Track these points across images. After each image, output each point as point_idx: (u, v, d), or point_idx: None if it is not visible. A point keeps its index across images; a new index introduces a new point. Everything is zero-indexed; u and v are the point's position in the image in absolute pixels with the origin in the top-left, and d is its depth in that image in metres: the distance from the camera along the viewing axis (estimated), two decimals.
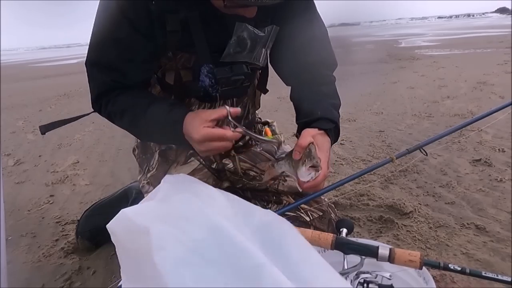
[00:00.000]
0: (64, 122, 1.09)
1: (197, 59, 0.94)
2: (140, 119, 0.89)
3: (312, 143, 0.82)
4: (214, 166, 1.12)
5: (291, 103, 1.05)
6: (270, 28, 0.94)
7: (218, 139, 0.80)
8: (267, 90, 1.19)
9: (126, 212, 0.58)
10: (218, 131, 0.80)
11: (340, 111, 0.99)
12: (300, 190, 0.86)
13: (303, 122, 0.93)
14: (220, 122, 0.82)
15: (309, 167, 0.78)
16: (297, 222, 1.06)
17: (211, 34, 0.91)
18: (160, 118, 0.87)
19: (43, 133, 1.06)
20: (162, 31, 0.89)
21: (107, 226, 0.59)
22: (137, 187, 1.53)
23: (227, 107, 0.80)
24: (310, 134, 0.85)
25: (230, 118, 0.80)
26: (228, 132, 0.80)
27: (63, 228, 1.67)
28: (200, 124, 0.80)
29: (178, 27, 0.88)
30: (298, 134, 0.95)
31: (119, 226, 0.57)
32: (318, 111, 0.92)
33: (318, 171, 0.79)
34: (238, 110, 0.81)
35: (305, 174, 0.79)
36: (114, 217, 0.59)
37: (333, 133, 0.92)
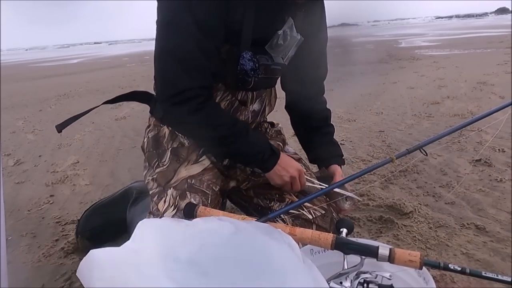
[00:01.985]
0: (77, 117, 1.13)
1: (233, 49, 0.98)
2: (239, 140, 0.99)
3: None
4: (226, 162, 1.12)
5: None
6: (299, 37, 1.03)
7: (301, 179, 1.05)
8: None
9: (94, 254, 0.59)
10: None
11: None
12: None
13: (324, 158, 1.22)
14: None
15: (352, 204, 1.10)
16: (300, 220, 1.07)
17: (259, 26, 0.97)
18: (262, 144, 1.03)
19: (59, 131, 1.10)
20: (235, 19, 0.94)
21: (78, 270, 0.59)
22: (137, 187, 1.52)
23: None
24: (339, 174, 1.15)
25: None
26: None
27: (63, 228, 1.67)
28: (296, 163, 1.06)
29: (240, 17, 0.93)
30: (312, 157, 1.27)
31: (86, 266, 0.58)
32: (336, 152, 1.24)
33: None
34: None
35: (347, 207, 1.10)
36: (85, 257, 0.59)
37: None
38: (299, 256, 0.58)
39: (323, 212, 1.09)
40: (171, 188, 1.04)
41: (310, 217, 1.07)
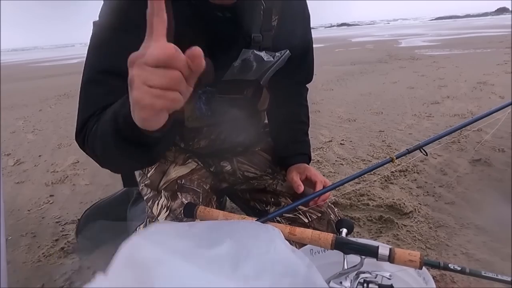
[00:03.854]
0: None
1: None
2: (105, 138, 0.69)
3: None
4: (212, 169, 1.12)
5: None
6: (280, 54, 0.90)
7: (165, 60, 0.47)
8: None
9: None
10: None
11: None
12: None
13: (285, 157, 1.13)
14: None
15: None
16: (296, 223, 1.06)
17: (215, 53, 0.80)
18: (110, 123, 0.66)
19: None
20: None
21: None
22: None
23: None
24: (295, 171, 1.06)
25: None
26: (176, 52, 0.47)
27: (63, 228, 1.67)
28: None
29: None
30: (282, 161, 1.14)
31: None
32: (298, 150, 1.12)
33: None
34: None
35: None
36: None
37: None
38: (299, 255, 0.58)
39: (319, 215, 1.07)
40: (163, 191, 1.04)
41: (306, 220, 1.06)
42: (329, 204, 1.11)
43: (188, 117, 0.97)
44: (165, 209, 1.00)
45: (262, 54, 0.87)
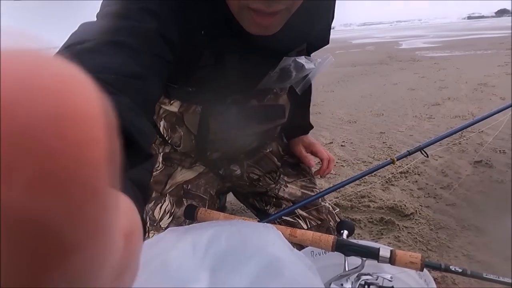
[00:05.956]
0: None
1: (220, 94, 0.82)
2: None
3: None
4: (221, 172, 1.10)
5: None
6: (323, 59, 0.83)
7: None
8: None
9: None
10: None
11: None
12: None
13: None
14: None
15: None
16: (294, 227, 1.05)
17: (247, 66, 0.77)
18: None
19: None
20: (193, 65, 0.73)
21: None
22: None
23: None
24: (301, 144, 1.09)
25: None
26: None
27: None
28: None
29: (212, 61, 0.73)
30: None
31: None
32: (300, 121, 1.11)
33: None
34: None
35: None
36: None
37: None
38: (299, 256, 0.58)
39: (319, 222, 1.04)
40: (167, 195, 1.01)
41: (305, 227, 1.05)
42: (330, 209, 1.08)
43: (213, 130, 0.92)
44: (168, 214, 0.97)
45: (303, 60, 0.80)
